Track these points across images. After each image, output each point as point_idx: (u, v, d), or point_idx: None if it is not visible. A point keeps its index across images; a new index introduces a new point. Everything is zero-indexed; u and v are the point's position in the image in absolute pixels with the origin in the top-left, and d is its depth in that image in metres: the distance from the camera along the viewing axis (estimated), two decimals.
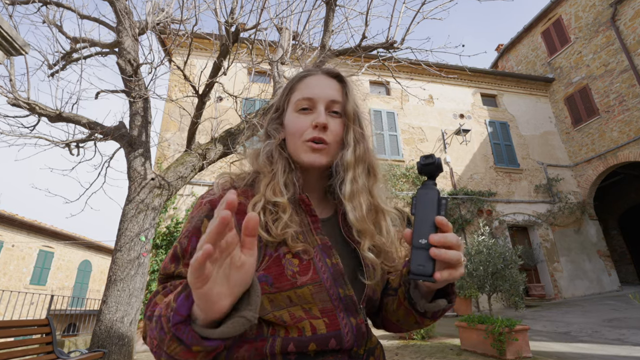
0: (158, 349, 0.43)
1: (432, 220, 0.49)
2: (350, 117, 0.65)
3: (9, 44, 3.30)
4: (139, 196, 3.83)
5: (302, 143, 0.62)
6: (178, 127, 7.89)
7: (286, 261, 0.54)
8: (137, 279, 3.69)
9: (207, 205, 0.58)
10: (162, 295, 0.49)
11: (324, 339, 0.51)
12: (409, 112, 10.21)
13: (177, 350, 0.40)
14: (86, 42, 4.49)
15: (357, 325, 0.55)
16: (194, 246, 0.53)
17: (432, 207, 0.49)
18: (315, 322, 0.52)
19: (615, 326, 5.23)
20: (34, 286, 13.18)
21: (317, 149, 0.62)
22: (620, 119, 9.77)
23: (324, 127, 0.62)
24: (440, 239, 0.47)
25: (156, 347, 0.43)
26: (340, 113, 0.65)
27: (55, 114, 3.96)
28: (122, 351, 3.45)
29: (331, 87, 0.66)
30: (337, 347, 0.52)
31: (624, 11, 9.74)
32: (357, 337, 0.54)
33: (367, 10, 3.92)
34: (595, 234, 10.18)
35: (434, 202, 0.50)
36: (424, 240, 0.48)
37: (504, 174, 10.22)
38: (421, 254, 0.48)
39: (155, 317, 0.44)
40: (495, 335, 3.70)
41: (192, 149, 4.26)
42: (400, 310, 0.62)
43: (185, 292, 0.40)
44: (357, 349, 0.54)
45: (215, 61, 3.83)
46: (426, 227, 0.49)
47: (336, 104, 0.65)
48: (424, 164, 0.53)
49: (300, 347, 0.51)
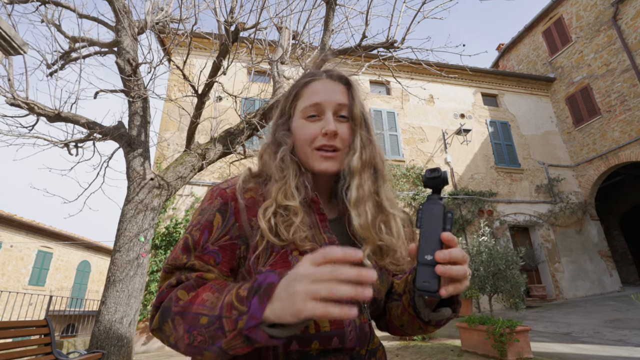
0: (201, 345, 0.45)
1: (438, 236, 0.49)
2: (357, 121, 0.64)
3: (8, 43, 3.29)
4: (138, 196, 3.82)
5: (312, 151, 0.62)
6: (177, 126, 7.88)
7: (293, 258, 0.54)
8: (136, 279, 3.67)
9: (219, 200, 0.59)
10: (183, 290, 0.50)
11: (327, 337, 0.52)
12: (410, 111, 10.19)
13: (238, 346, 0.43)
14: (85, 42, 4.48)
15: (360, 324, 0.55)
16: (206, 239, 0.55)
17: (438, 223, 0.49)
18: (319, 320, 0.52)
19: (617, 327, 5.21)
20: (33, 287, 13.18)
21: (329, 157, 0.62)
22: (621, 119, 9.74)
23: (335, 135, 0.62)
24: (446, 256, 0.47)
25: (199, 342, 0.45)
26: (348, 117, 0.65)
27: (54, 114, 3.94)
28: (121, 352, 3.43)
29: (337, 91, 0.65)
30: (340, 345, 0.52)
31: (626, 10, 9.70)
32: (359, 336, 0.54)
33: (367, 9, 3.90)
34: (597, 234, 10.14)
35: (440, 217, 0.49)
36: (429, 256, 0.48)
37: (505, 174, 10.19)
38: (427, 271, 0.48)
39: (194, 314, 0.46)
40: (496, 336, 3.68)
41: (192, 149, 4.24)
42: (404, 316, 0.63)
43: (257, 296, 0.42)
44: (359, 349, 0.54)
45: (215, 61, 3.81)
46: (432, 243, 0.49)
47: (343, 108, 0.65)
48: (429, 177, 0.53)
49: (303, 345, 0.51)
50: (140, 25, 4.42)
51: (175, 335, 0.48)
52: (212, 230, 0.56)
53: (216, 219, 0.57)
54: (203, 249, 0.55)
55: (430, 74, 9.31)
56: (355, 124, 0.64)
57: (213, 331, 0.44)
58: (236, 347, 0.44)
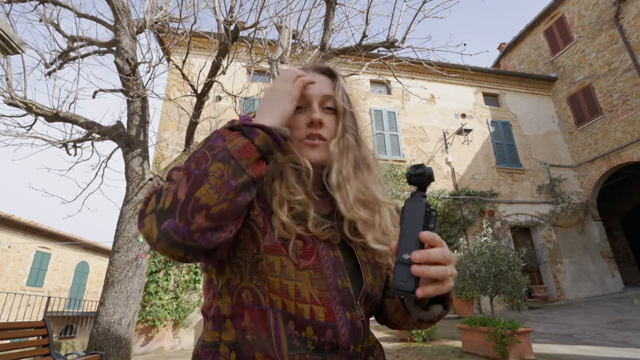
0: (202, 165, 0.46)
1: (417, 235, 0.47)
2: (340, 110, 0.66)
3: (6, 42, 3.26)
4: (137, 197, 3.80)
5: (299, 142, 0.63)
6: (176, 126, 7.85)
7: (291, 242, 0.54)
8: (135, 280, 3.65)
9: None
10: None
11: (321, 326, 0.52)
12: (410, 111, 10.15)
13: (240, 144, 0.48)
14: (83, 41, 4.46)
15: (352, 320, 0.55)
16: None
17: (419, 221, 0.48)
18: (315, 308, 0.52)
19: (619, 328, 5.18)
20: (31, 288, 13.13)
21: (315, 144, 0.62)
22: (623, 119, 9.69)
23: (320, 123, 0.62)
24: (423, 256, 0.45)
25: (200, 163, 0.46)
26: (334, 108, 0.66)
27: (52, 114, 3.92)
28: (120, 353, 3.42)
29: (323, 83, 0.67)
30: (334, 339, 0.52)
31: (628, 9, 9.65)
32: (352, 332, 0.54)
33: (367, 8, 3.88)
34: (599, 234, 10.10)
35: (421, 216, 0.48)
36: (407, 255, 0.46)
37: (506, 174, 10.14)
38: (404, 270, 0.46)
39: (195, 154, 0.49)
40: (497, 337, 3.66)
41: (191, 149, 4.22)
42: (398, 313, 0.62)
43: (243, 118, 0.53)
44: (354, 346, 0.54)
45: (214, 60, 3.79)
46: (410, 242, 0.47)
47: (329, 99, 0.66)
48: (414, 174, 0.51)
49: (298, 327, 0.51)
50: (139, 24, 4.40)
51: (172, 190, 0.44)
52: None
53: None
54: None
55: (431, 74, 9.27)
56: (337, 113, 0.66)
57: (212, 142, 0.48)
58: (238, 144, 0.48)
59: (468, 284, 5.00)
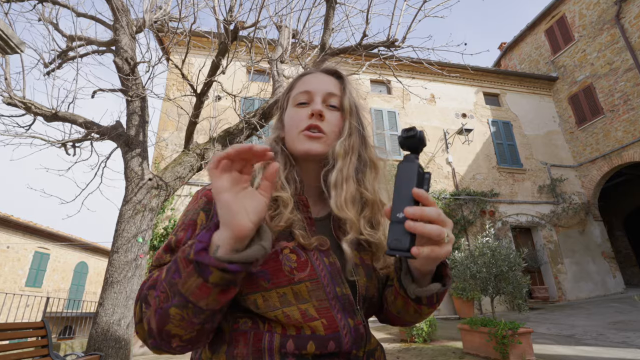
0: (165, 303, 0.43)
1: (411, 193, 0.46)
2: (347, 111, 0.65)
3: (5, 42, 3.25)
4: (136, 197, 3.78)
5: (299, 134, 0.62)
6: (176, 126, 7.83)
7: (284, 257, 0.53)
8: (135, 281, 3.64)
9: (204, 199, 0.58)
10: (155, 276, 0.49)
11: (322, 340, 0.51)
12: (411, 111, 10.13)
13: (193, 285, 0.41)
14: (82, 40, 4.44)
15: (355, 326, 0.54)
16: (188, 237, 0.54)
17: (412, 180, 0.47)
18: (313, 324, 0.51)
19: (621, 329, 5.16)
20: (30, 288, 13.09)
21: (313, 137, 0.61)
22: (625, 119, 9.66)
23: (320, 115, 0.62)
24: (416, 211, 0.44)
25: (162, 301, 0.44)
26: (338, 107, 0.66)
27: (51, 113, 3.91)
28: (119, 354, 3.40)
29: (328, 82, 0.67)
30: (336, 349, 0.51)
31: (629, 9, 9.62)
32: (355, 339, 0.53)
33: (367, 8, 3.86)
34: (600, 235, 10.07)
35: (414, 175, 0.47)
36: (400, 214, 0.45)
37: (507, 174, 10.12)
38: (398, 228, 0.45)
39: (159, 278, 0.46)
40: (498, 338, 3.65)
41: (190, 149, 4.21)
42: (398, 300, 0.60)
43: (205, 229, 0.43)
44: (356, 351, 0.53)
45: (214, 60, 3.77)
46: (404, 200, 0.46)
47: (333, 97, 0.66)
48: (405, 137, 0.49)
49: (299, 347, 0.50)
50: (138, 23, 4.38)
51: (146, 318, 0.46)
52: (195, 229, 0.55)
53: (200, 218, 0.56)
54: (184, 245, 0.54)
55: (432, 73, 9.23)
56: (345, 113, 0.65)
57: (171, 277, 0.43)
58: (192, 287, 0.41)
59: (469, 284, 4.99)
